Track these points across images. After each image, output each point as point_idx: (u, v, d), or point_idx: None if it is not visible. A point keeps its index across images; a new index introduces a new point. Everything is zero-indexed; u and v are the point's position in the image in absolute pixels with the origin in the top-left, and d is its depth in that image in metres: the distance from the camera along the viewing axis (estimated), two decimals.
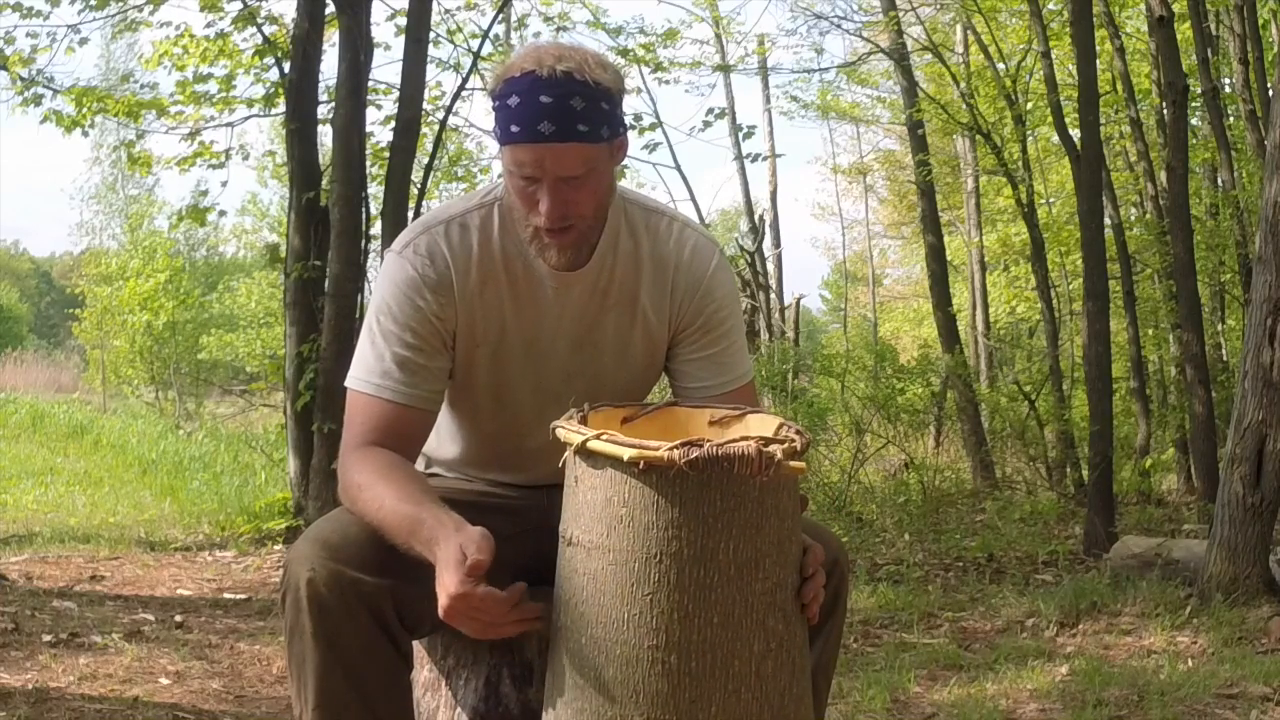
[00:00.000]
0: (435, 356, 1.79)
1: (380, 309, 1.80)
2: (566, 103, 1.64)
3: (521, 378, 1.86)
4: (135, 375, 17.61)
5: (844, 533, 6.70)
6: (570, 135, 1.65)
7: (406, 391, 1.77)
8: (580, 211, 1.72)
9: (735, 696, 1.39)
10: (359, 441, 1.77)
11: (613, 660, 1.40)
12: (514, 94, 1.66)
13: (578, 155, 1.67)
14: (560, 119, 1.64)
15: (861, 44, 12.77)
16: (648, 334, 1.88)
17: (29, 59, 7.77)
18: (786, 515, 1.43)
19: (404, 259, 1.80)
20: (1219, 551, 4.74)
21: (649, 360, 1.91)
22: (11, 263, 42.55)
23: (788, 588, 1.44)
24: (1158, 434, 10.25)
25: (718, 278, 1.87)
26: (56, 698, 3.31)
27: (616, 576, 1.39)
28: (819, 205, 46.85)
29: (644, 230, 1.86)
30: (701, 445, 1.35)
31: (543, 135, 1.65)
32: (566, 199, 1.70)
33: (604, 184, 1.75)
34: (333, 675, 1.61)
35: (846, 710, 3.44)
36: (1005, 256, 14.42)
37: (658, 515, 1.37)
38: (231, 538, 6.52)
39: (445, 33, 8.61)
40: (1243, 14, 8.56)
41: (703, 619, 1.37)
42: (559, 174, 1.68)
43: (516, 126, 1.66)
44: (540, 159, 1.67)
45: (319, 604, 1.60)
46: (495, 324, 1.82)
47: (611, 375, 1.88)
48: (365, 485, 1.70)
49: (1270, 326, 4.65)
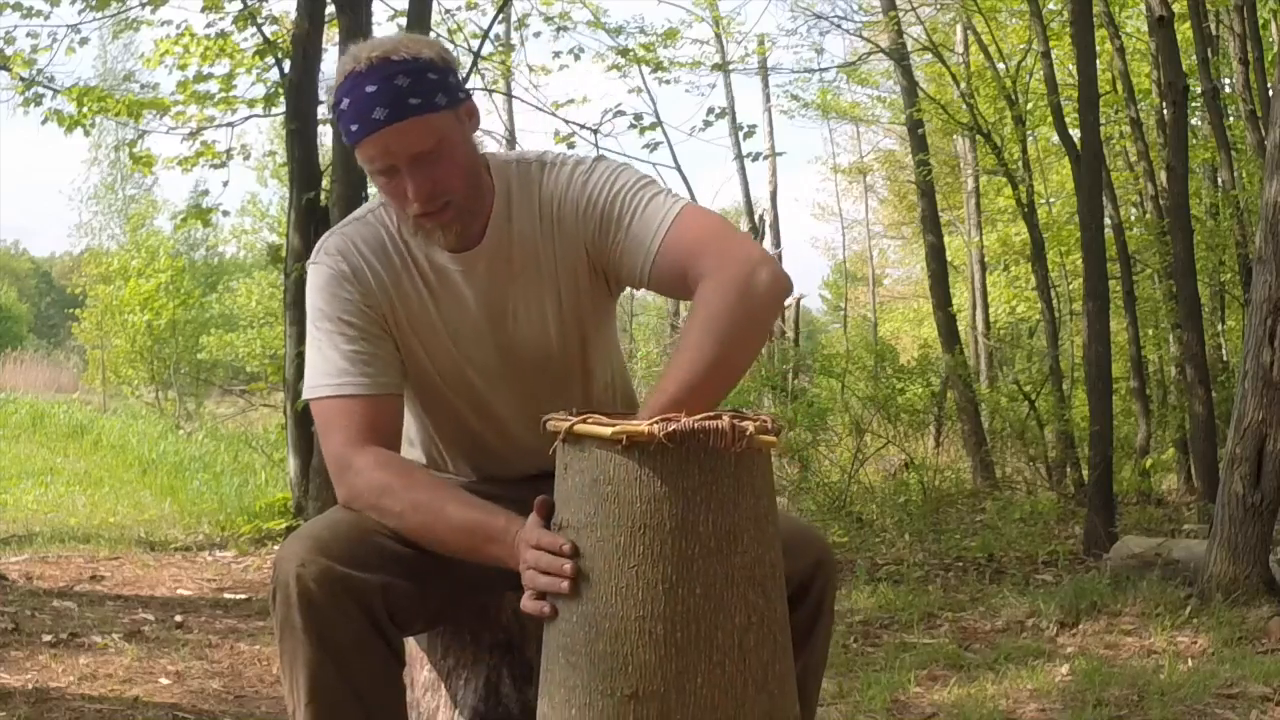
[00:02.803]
0: (379, 343, 1.79)
1: (313, 317, 1.82)
2: (391, 84, 1.65)
3: (460, 363, 1.85)
4: (135, 375, 17.61)
5: (844, 533, 6.70)
6: (405, 112, 1.65)
7: (365, 382, 1.76)
8: (449, 185, 1.71)
9: (719, 668, 1.44)
10: (348, 445, 1.74)
11: (602, 634, 1.45)
12: (343, 98, 1.68)
13: (420, 129, 1.67)
14: (390, 101, 1.65)
15: (861, 44, 12.79)
16: (565, 284, 1.82)
17: (30, 59, 7.78)
18: (762, 494, 1.49)
19: (318, 264, 1.83)
20: (1219, 551, 4.74)
21: (576, 315, 1.85)
22: (11, 263, 42.57)
23: (766, 565, 1.49)
24: (1158, 434, 10.26)
25: (588, 178, 1.78)
26: (56, 698, 3.31)
27: (605, 551, 1.45)
28: (819, 205, 46.88)
29: (522, 183, 1.81)
30: (679, 419, 1.43)
31: (379, 122, 1.65)
32: (430, 176, 1.69)
33: (462, 152, 1.73)
34: (325, 671, 1.61)
35: (846, 710, 3.44)
36: (1005, 256, 14.42)
37: (640, 490, 1.44)
38: (231, 538, 6.52)
39: (446, 32, 8.62)
40: (1243, 14, 8.56)
41: (686, 589, 1.43)
42: (410, 153, 1.67)
43: (354, 125, 1.68)
44: (386, 145, 1.67)
45: (308, 599, 1.60)
46: (418, 315, 1.82)
47: (538, 342, 1.84)
48: (394, 489, 1.69)
49: (1270, 326, 4.65)
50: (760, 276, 1.63)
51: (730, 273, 1.63)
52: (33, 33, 7.95)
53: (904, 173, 17.32)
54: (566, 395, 1.85)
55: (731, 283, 1.62)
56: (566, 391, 1.87)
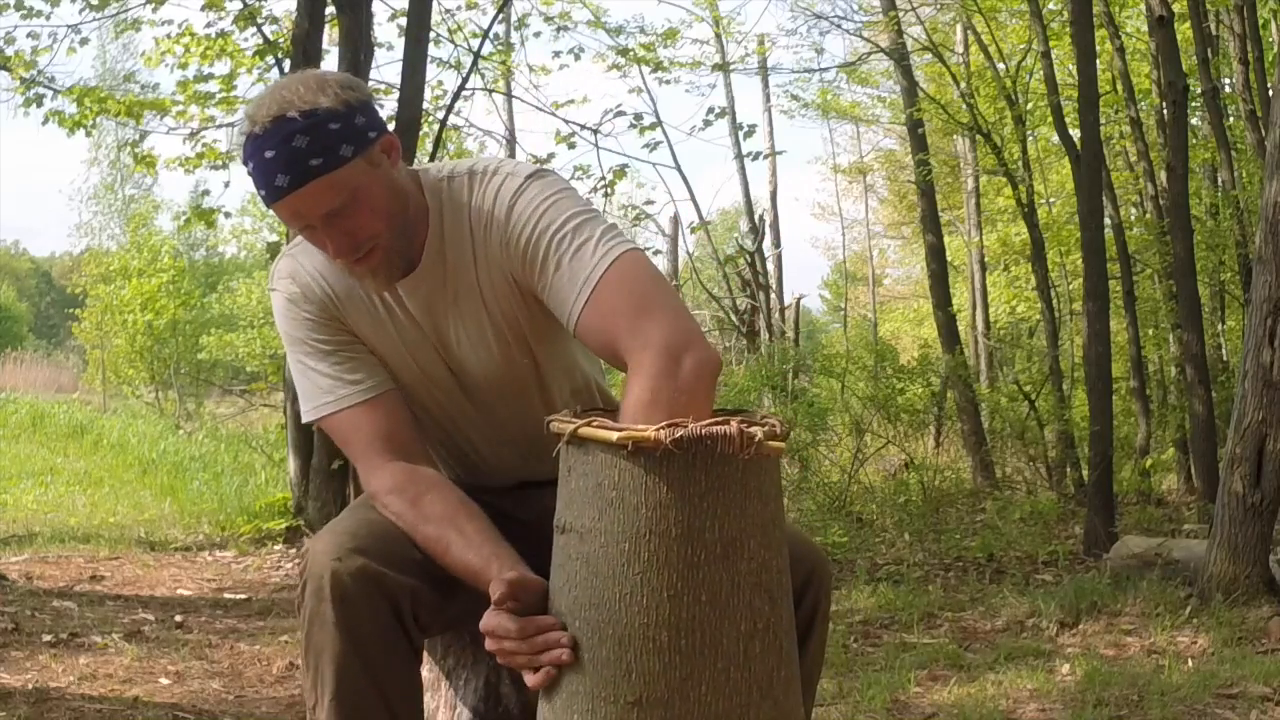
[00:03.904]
0: (354, 348, 1.79)
1: (287, 343, 1.81)
2: (289, 146, 1.59)
3: (425, 381, 1.83)
4: (135, 375, 17.61)
5: (844, 533, 6.70)
6: (307, 176, 1.59)
7: (357, 389, 1.77)
8: (368, 232, 1.65)
9: (724, 675, 1.43)
10: (364, 464, 1.76)
11: (606, 640, 1.43)
12: (249, 160, 1.64)
13: (325, 189, 1.61)
14: (290, 166, 1.59)
15: (861, 44, 12.78)
16: (502, 307, 1.75)
17: (31, 60, 7.78)
18: (769, 499, 1.47)
19: (276, 292, 1.81)
20: (1219, 551, 4.74)
21: (517, 335, 1.78)
22: (11, 263, 42.58)
23: (773, 570, 1.47)
24: (1158, 434, 10.26)
25: (514, 203, 1.68)
26: (56, 698, 3.31)
27: (609, 558, 1.43)
28: (819, 205, 46.79)
29: (452, 205, 1.74)
30: (686, 425, 1.41)
31: (283, 189, 1.60)
32: (346, 230, 1.64)
33: (379, 196, 1.65)
34: (352, 666, 1.61)
35: (846, 710, 3.44)
36: (1005, 256, 14.42)
37: (646, 495, 1.41)
38: (231, 538, 6.53)
39: (446, 32, 8.62)
40: (1243, 14, 8.56)
41: (691, 596, 1.41)
42: (320, 213, 1.62)
43: (262, 190, 1.64)
44: (295, 210, 1.62)
45: (341, 593, 1.60)
46: (374, 332, 1.80)
47: (484, 364, 1.80)
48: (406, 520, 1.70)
49: (1270, 326, 4.65)
50: (685, 366, 1.54)
51: (655, 366, 1.54)
52: (33, 33, 7.96)
53: (904, 173, 17.32)
54: (527, 412, 1.82)
55: (657, 377, 1.53)
56: (527, 409, 1.83)
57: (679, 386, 1.53)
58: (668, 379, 1.53)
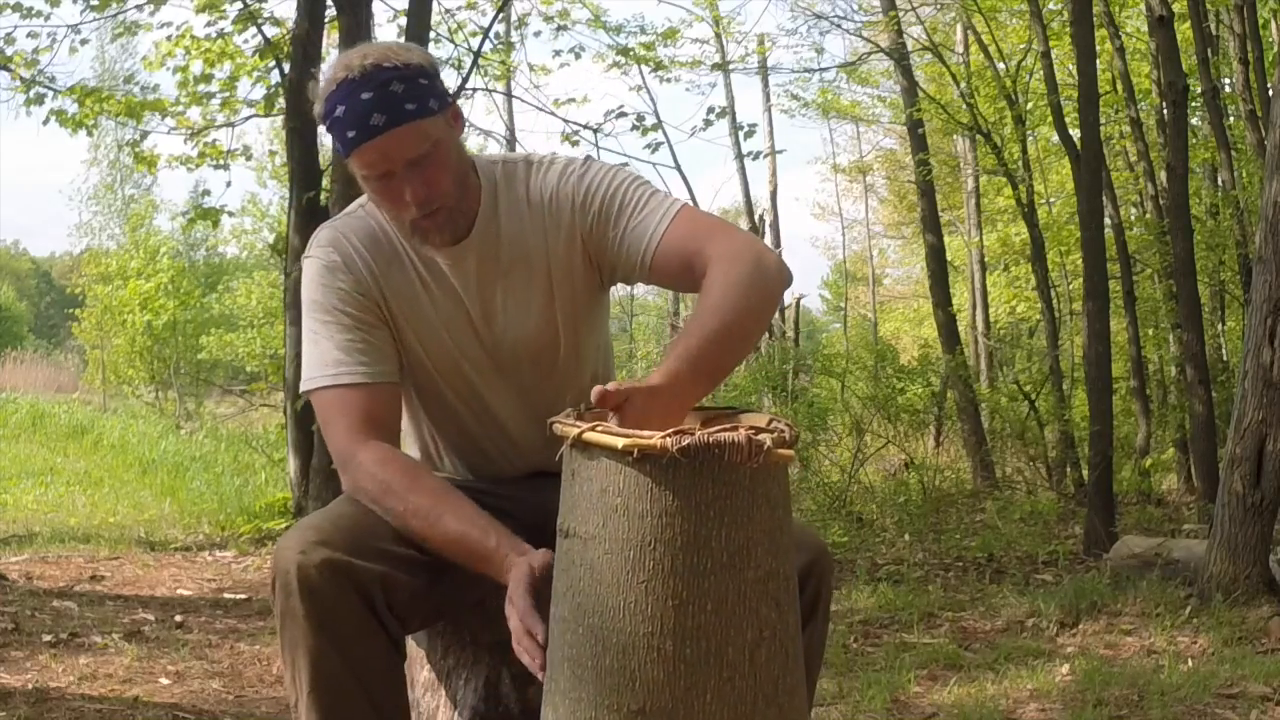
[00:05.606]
0: (375, 331, 1.81)
1: (307, 309, 1.83)
2: (387, 90, 1.69)
3: (456, 357, 1.86)
4: (135, 375, 17.62)
5: (844, 533, 6.70)
6: (402, 118, 1.69)
7: (362, 371, 1.78)
8: (441, 188, 1.75)
9: (729, 684, 1.40)
10: (350, 438, 1.76)
11: (610, 649, 1.41)
12: (338, 105, 1.70)
13: (416, 134, 1.70)
14: (387, 107, 1.68)
15: (861, 44, 12.78)
16: (565, 270, 1.85)
17: (32, 61, 7.78)
18: (777, 505, 1.44)
19: (311, 258, 1.85)
20: (1219, 551, 4.74)
21: (570, 307, 1.87)
22: (11, 263, 42.60)
23: (780, 578, 1.45)
24: (1158, 434, 10.26)
25: (584, 174, 1.85)
26: (56, 698, 3.31)
27: (613, 565, 1.41)
28: (819, 205, 46.81)
29: (508, 182, 1.86)
30: (693, 433, 1.38)
31: (378, 128, 1.69)
32: (425, 180, 1.73)
33: (452, 155, 1.77)
34: (327, 659, 1.61)
35: (846, 710, 3.44)
36: (1005, 256, 14.42)
37: (651, 503, 1.39)
38: (231, 538, 6.53)
39: (446, 32, 8.62)
40: (1243, 14, 8.56)
41: (696, 605, 1.39)
42: (406, 157, 1.71)
43: (352, 131, 1.70)
44: (385, 151, 1.70)
45: (309, 586, 1.60)
46: (411, 306, 1.84)
47: (528, 335, 1.87)
48: (396, 490, 1.70)
49: (1270, 326, 4.65)
50: (768, 259, 1.72)
51: (741, 254, 1.71)
52: (33, 33, 7.96)
53: (904, 172, 17.32)
54: (559, 387, 1.88)
55: (744, 261, 1.69)
56: (559, 383, 1.89)
57: (763, 271, 1.69)
58: (755, 264, 1.69)
